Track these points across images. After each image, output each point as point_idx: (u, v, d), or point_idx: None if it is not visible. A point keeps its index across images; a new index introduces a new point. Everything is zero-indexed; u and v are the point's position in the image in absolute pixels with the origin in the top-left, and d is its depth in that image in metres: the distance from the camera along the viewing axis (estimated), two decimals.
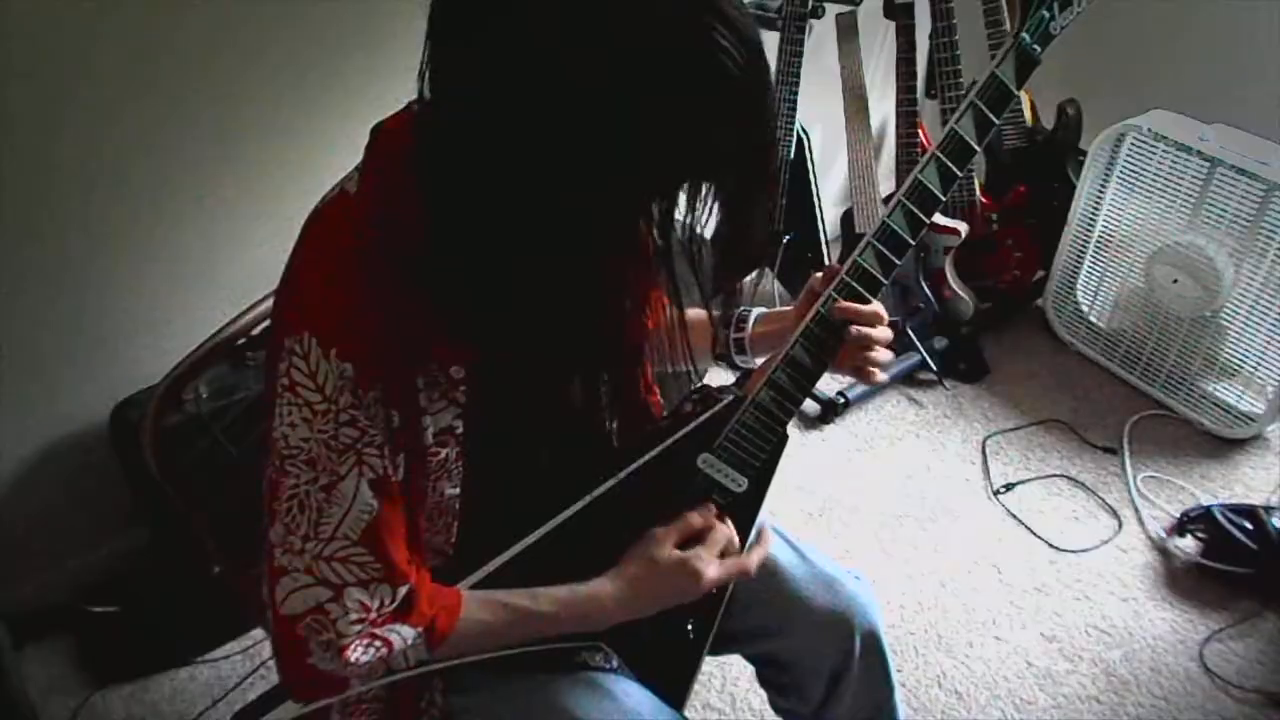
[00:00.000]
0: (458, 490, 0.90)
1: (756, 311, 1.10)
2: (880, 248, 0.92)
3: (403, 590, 0.86)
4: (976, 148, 0.91)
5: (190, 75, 1.60)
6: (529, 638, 0.94)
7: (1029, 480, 2.15)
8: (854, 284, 0.93)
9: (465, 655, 0.92)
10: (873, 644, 1.12)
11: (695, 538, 0.96)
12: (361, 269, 0.78)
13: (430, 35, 0.71)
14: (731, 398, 0.96)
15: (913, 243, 0.92)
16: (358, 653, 0.84)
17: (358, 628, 0.84)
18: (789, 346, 0.94)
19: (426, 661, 0.90)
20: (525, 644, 0.94)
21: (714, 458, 0.97)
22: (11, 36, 1.42)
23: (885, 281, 0.93)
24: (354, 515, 0.82)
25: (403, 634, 0.86)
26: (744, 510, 1.00)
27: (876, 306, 0.94)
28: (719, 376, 2.44)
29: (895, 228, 0.92)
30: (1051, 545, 1.99)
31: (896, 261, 0.93)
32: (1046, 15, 0.88)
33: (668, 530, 0.96)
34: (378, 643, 0.85)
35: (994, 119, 0.90)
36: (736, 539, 0.99)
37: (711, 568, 0.95)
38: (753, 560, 0.99)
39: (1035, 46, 0.89)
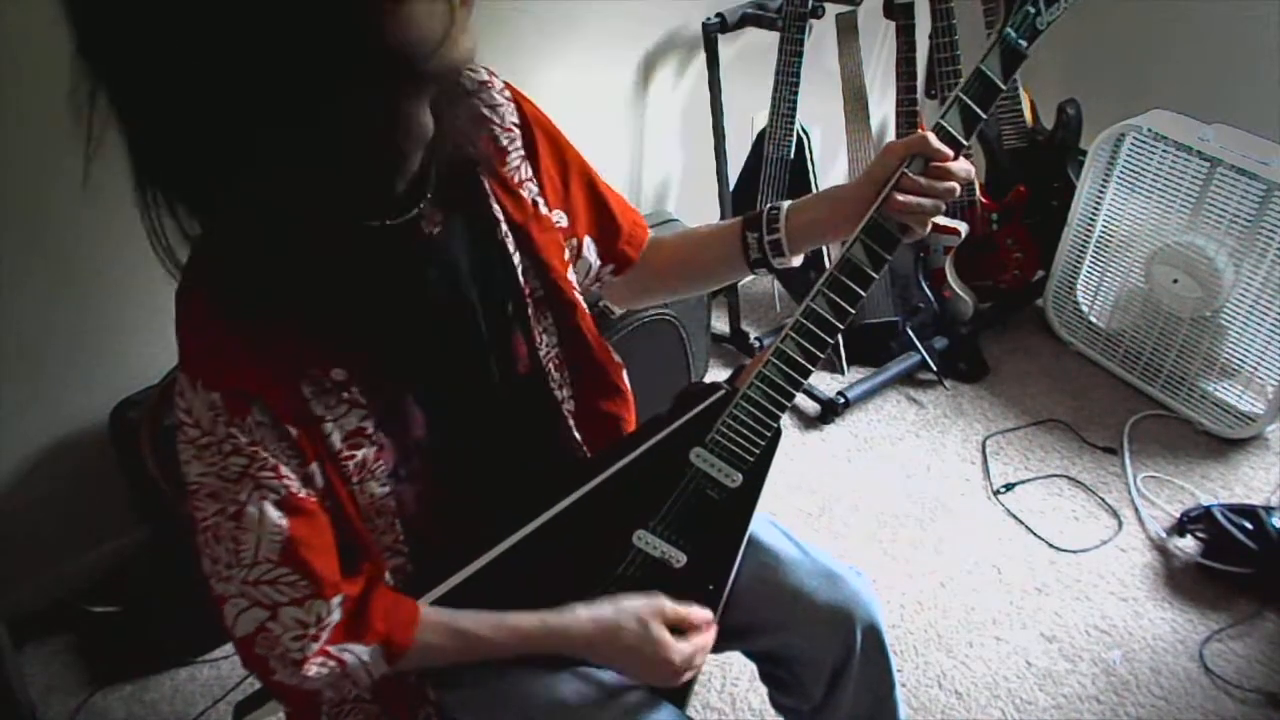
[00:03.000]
0: (387, 489, 0.89)
1: (787, 204, 1.04)
2: (869, 243, 0.93)
3: (336, 601, 0.85)
4: (964, 142, 0.92)
5: None
6: (492, 658, 0.94)
7: (1029, 480, 2.15)
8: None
9: (425, 668, 0.93)
10: (874, 639, 1.12)
11: (689, 629, 0.97)
12: (206, 301, 0.79)
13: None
14: (723, 391, 0.96)
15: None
16: (314, 668, 0.85)
17: (303, 644, 0.84)
18: (780, 340, 0.94)
19: (387, 673, 0.90)
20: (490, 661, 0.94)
21: (706, 451, 0.97)
22: (12, 38, 1.42)
23: (875, 276, 0.94)
24: (267, 539, 0.82)
25: (356, 652, 0.86)
26: (739, 506, 1.00)
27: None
28: (713, 372, 2.44)
29: (879, 222, 0.93)
30: (1051, 545, 1.99)
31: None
32: (1032, 10, 0.89)
33: (674, 608, 0.96)
34: (331, 662, 0.86)
35: (981, 113, 0.91)
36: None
37: (686, 673, 0.96)
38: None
39: (1021, 41, 0.90)
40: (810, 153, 2.29)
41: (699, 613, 0.98)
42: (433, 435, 0.91)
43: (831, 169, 2.76)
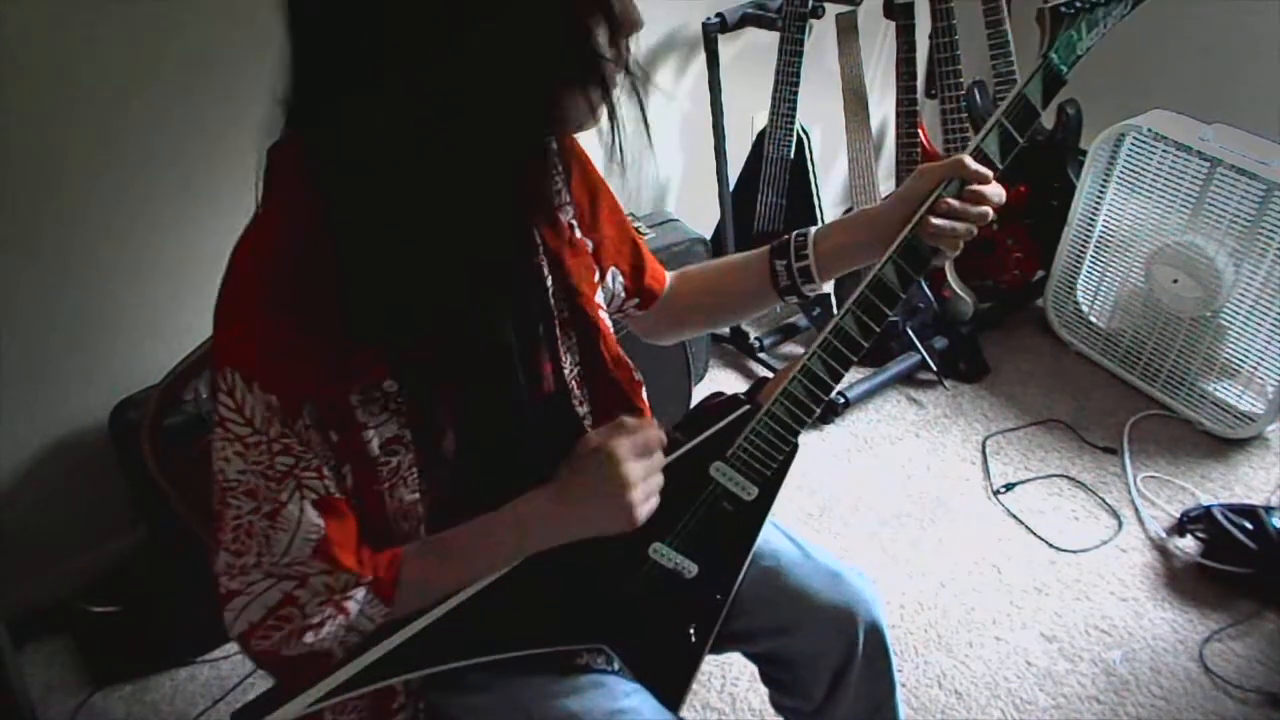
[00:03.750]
0: (417, 496, 0.90)
1: (814, 230, 1.04)
2: (901, 264, 0.93)
3: (365, 583, 0.86)
4: (1000, 166, 0.92)
5: (193, 75, 1.60)
6: (478, 563, 0.90)
7: (1029, 480, 2.15)
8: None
9: (424, 603, 0.89)
10: (876, 638, 1.12)
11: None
12: (276, 297, 0.79)
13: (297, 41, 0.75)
14: (747, 407, 0.96)
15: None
16: (323, 626, 0.84)
17: (323, 609, 0.84)
18: (806, 358, 0.94)
19: (387, 619, 0.88)
20: (478, 574, 0.90)
21: (727, 466, 0.97)
22: (12, 38, 1.42)
23: (904, 296, 0.95)
24: (301, 537, 0.82)
25: (355, 596, 0.86)
26: (752, 518, 1.00)
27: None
28: (713, 372, 2.43)
29: (912, 244, 0.93)
30: (1051, 545, 1.99)
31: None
32: (1075, 36, 0.89)
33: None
34: (336, 613, 0.85)
35: (1019, 138, 0.91)
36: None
37: (639, 472, 0.89)
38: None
39: (1063, 67, 0.89)
40: (810, 153, 2.30)
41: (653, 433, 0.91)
42: (461, 450, 0.91)
43: (831, 169, 2.76)
